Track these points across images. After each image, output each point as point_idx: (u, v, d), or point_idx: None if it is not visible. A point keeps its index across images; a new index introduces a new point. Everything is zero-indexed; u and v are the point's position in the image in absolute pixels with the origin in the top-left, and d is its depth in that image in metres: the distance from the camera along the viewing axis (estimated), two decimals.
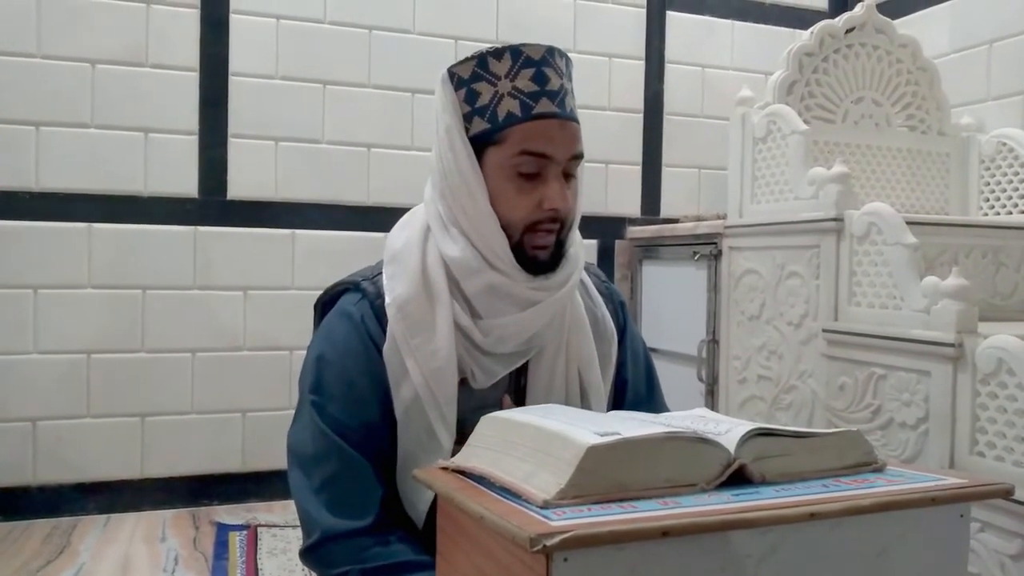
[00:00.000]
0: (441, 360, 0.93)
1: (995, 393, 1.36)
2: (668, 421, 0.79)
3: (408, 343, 0.93)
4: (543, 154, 0.91)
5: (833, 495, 0.63)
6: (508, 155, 0.91)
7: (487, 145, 0.92)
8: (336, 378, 0.95)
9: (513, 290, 0.94)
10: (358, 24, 2.59)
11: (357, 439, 0.93)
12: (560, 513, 0.58)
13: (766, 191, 2.06)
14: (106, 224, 2.37)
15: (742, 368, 2.11)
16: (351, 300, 0.99)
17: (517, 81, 0.91)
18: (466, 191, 0.93)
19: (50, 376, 2.33)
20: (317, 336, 1.00)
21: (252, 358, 2.50)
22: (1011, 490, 0.67)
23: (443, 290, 0.94)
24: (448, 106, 0.94)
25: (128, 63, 2.38)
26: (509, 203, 0.92)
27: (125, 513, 2.38)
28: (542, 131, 0.91)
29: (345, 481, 0.92)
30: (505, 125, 0.91)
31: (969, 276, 1.79)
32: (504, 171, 0.92)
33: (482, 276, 0.93)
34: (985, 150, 2.26)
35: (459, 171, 0.93)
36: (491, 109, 0.91)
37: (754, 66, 3.04)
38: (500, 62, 0.92)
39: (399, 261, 0.97)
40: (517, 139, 0.91)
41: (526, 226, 0.93)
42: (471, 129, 0.93)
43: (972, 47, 2.50)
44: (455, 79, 0.94)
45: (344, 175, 2.60)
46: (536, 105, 0.91)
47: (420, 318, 0.93)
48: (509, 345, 0.96)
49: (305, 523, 0.93)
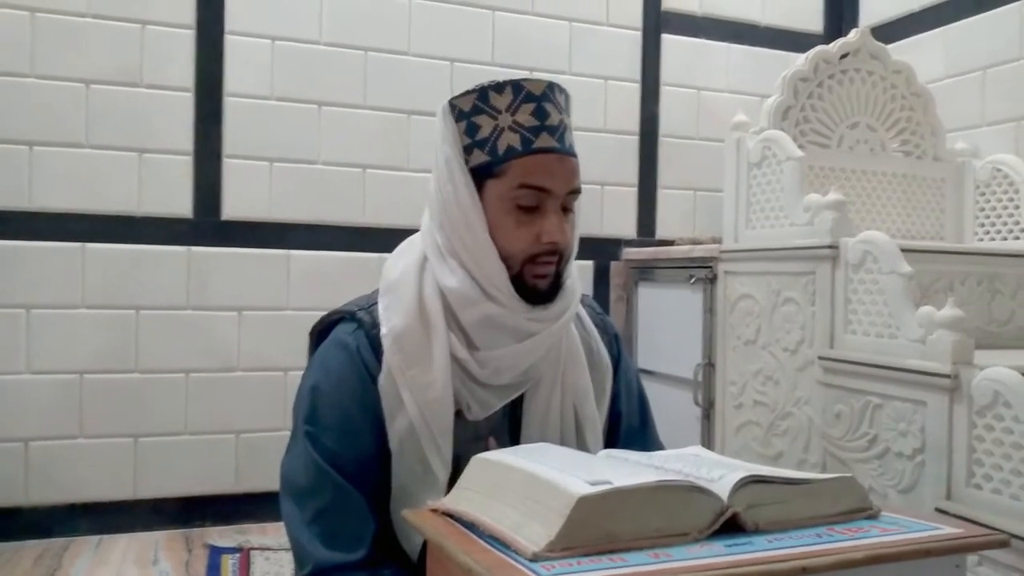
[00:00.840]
0: (437, 391, 0.92)
1: (991, 425, 1.36)
2: (662, 463, 0.78)
3: (404, 374, 0.93)
4: (542, 188, 0.92)
5: (826, 547, 0.63)
6: (508, 188, 0.92)
7: (487, 177, 0.93)
8: (331, 409, 0.94)
9: (511, 321, 0.94)
10: (354, 45, 2.60)
11: (351, 471, 0.92)
12: (549, 567, 0.57)
13: (761, 216, 2.06)
14: (100, 244, 2.36)
15: (738, 393, 2.10)
16: (347, 330, 0.98)
17: (518, 115, 0.92)
18: (465, 222, 0.94)
19: (43, 396, 2.31)
20: (312, 365, 1.00)
21: (246, 379, 2.49)
22: (1006, 541, 0.66)
23: (439, 321, 0.94)
24: (448, 137, 0.95)
25: (123, 83, 2.38)
26: (508, 235, 0.93)
27: (117, 534, 2.36)
28: (542, 165, 0.92)
29: (338, 513, 0.91)
30: (505, 158, 0.92)
31: (965, 303, 1.79)
32: (503, 203, 0.93)
33: (480, 307, 0.93)
34: (980, 176, 2.26)
35: (458, 202, 0.94)
36: (491, 142, 0.93)
37: (749, 89, 3.05)
38: (501, 96, 0.93)
39: (395, 291, 0.97)
40: (517, 172, 0.92)
41: (525, 258, 0.94)
42: (471, 161, 0.94)
43: (966, 73, 2.51)
44: (456, 111, 0.95)
45: (339, 196, 2.59)
46: (536, 139, 0.92)
47: (416, 349, 0.93)
48: (506, 377, 0.96)
49: (298, 554, 0.92)
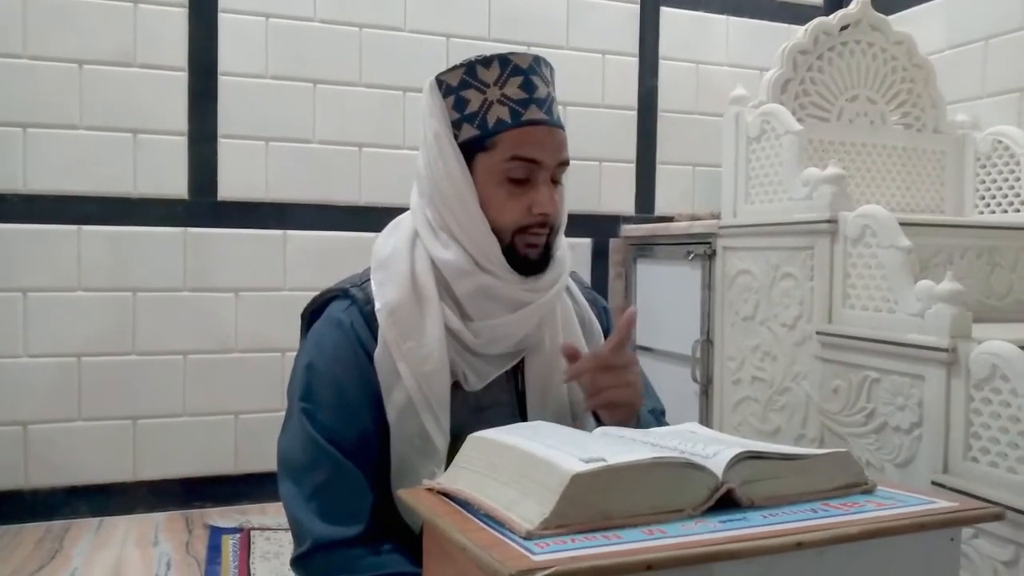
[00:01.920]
0: (433, 363, 0.93)
1: (989, 399, 1.35)
2: (656, 440, 0.78)
3: (400, 347, 0.93)
4: (533, 160, 0.93)
5: (821, 522, 0.62)
6: (499, 160, 0.93)
7: (477, 151, 0.94)
8: (327, 385, 0.94)
9: (504, 292, 0.95)
10: (349, 22, 2.57)
11: (348, 446, 0.92)
12: (543, 545, 0.57)
13: (760, 191, 2.05)
14: (96, 226, 2.35)
15: (736, 369, 2.10)
16: (340, 307, 0.99)
17: (506, 89, 0.93)
18: (456, 196, 0.94)
19: (41, 379, 2.31)
20: (306, 344, 1.00)
21: (244, 360, 2.49)
22: (1001, 514, 0.66)
23: (432, 294, 0.95)
24: (436, 113, 0.95)
25: (116, 63, 2.36)
26: (499, 208, 0.94)
27: (118, 516, 2.37)
28: (532, 137, 0.93)
29: (336, 489, 0.91)
30: (495, 131, 0.93)
31: (964, 277, 1.78)
32: (494, 176, 0.94)
33: (473, 278, 0.94)
34: (981, 148, 2.25)
35: (449, 177, 0.94)
36: (481, 116, 0.93)
37: (749, 62, 3.02)
38: (488, 70, 0.94)
39: (387, 267, 0.98)
40: (508, 145, 0.93)
41: (516, 229, 0.95)
42: (460, 135, 0.94)
43: (968, 44, 2.48)
44: (443, 86, 0.95)
45: (336, 175, 2.58)
46: (526, 112, 0.93)
47: (411, 322, 0.94)
48: (500, 346, 0.98)
49: (296, 531, 0.92)
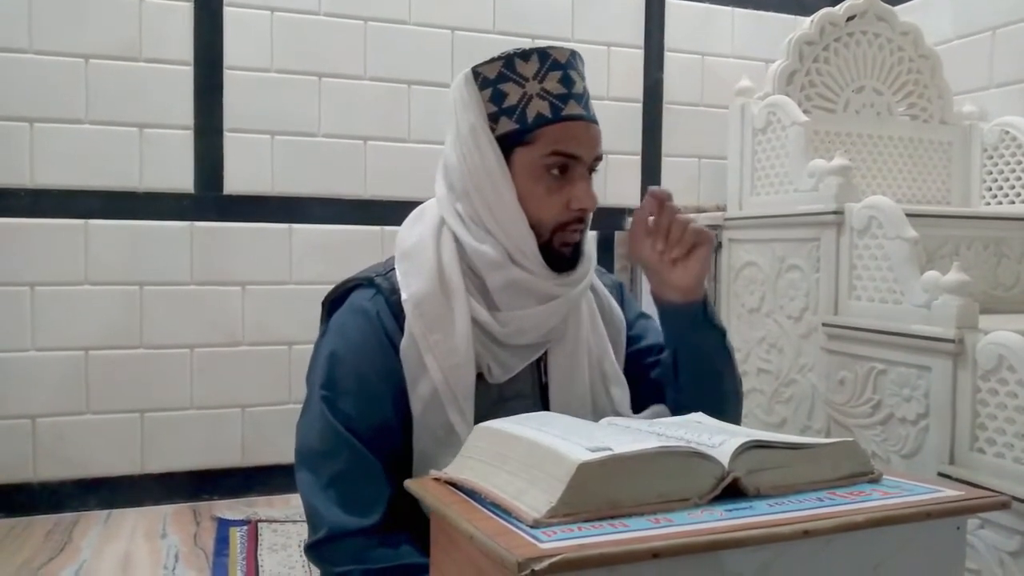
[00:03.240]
0: (460, 356, 0.93)
1: (995, 389, 1.35)
2: (663, 431, 0.78)
3: (426, 339, 0.93)
4: (573, 155, 0.93)
5: (827, 510, 0.62)
6: (539, 155, 0.93)
7: (515, 145, 0.94)
8: (349, 374, 0.94)
9: (536, 285, 0.95)
10: (353, 15, 2.57)
11: (368, 436, 0.92)
12: (550, 533, 0.58)
13: (766, 183, 2.05)
14: (102, 220, 2.36)
15: (742, 361, 2.10)
16: (365, 296, 0.98)
17: (545, 83, 0.93)
18: (493, 190, 0.94)
19: (49, 373, 2.33)
20: (329, 331, 0.99)
21: (251, 353, 2.50)
22: (1007, 503, 0.66)
23: (459, 285, 0.94)
24: (472, 105, 0.95)
25: (122, 57, 2.36)
26: (539, 202, 0.94)
27: (126, 508, 2.38)
28: (572, 132, 0.93)
29: (354, 478, 0.91)
30: (535, 126, 0.92)
31: (970, 268, 1.78)
32: (534, 171, 0.93)
33: (506, 272, 0.94)
34: (988, 139, 2.24)
35: (486, 170, 0.94)
36: (520, 110, 0.93)
37: (754, 53, 3.01)
38: (527, 63, 0.93)
39: (412, 257, 0.97)
40: (548, 140, 0.92)
41: (556, 226, 0.95)
42: (497, 129, 0.94)
43: (975, 34, 2.47)
44: (480, 79, 0.95)
45: (341, 168, 2.58)
46: (565, 107, 0.93)
47: (438, 314, 0.93)
48: (527, 337, 0.97)
49: (311, 518, 0.92)
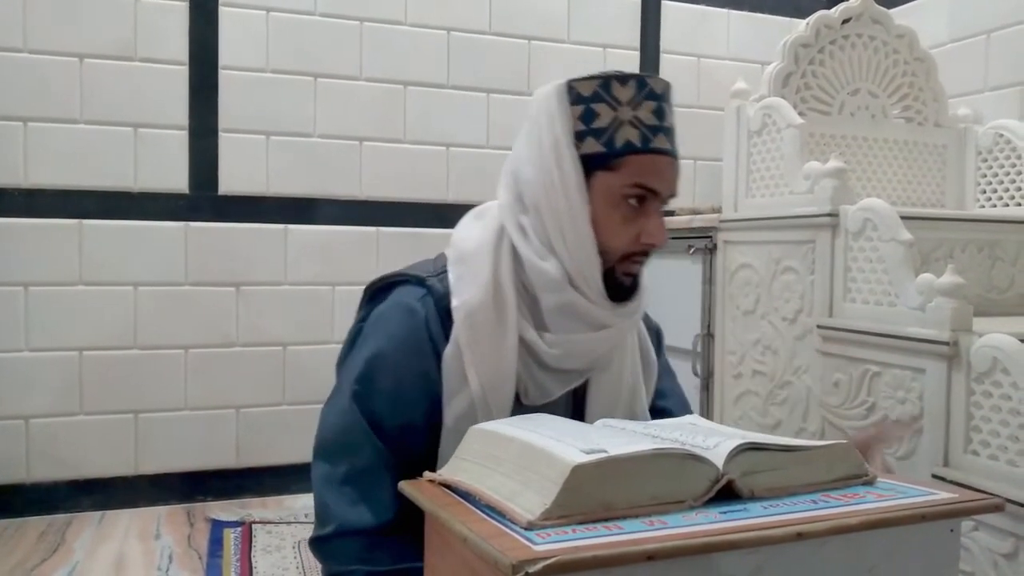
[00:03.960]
0: (503, 374, 0.91)
1: (989, 392, 1.36)
2: (657, 432, 0.78)
3: (472, 352, 0.91)
4: (653, 189, 0.92)
5: (821, 513, 0.63)
6: (621, 183, 0.91)
7: (597, 168, 0.91)
8: (385, 374, 0.92)
9: (591, 312, 0.93)
10: (349, 16, 2.56)
11: (392, 438, 0.91)
12: (544, 535, 0.57)
13: (761, 185, 2.05)
14: (97, 220, 2.35)
15: (737, 363, 2.10)
16: (414, 294, 0.95)
17: (639, 111, 0.91)
18: (568, 210, 0.91)
19: (43, 374, 2.32)
20: (371, 325, 0.96)
21: (245, 354, 2.49)
22: (1001, 505, 0.66)
23: (512, 301, 0.92)
24: (560, 119, 0.92)
25: (117, 57, 2.35)
26: (612, 230, 0.92)
27: (120, 510, 2.38)
28: (657, 166, 0.91)
29: (371, 478, 0.90)
30: (623, 152, 0.90)
31: (965, 270, 1.78)
32: (612, 197, 0.91)
33: (564, 294, 0.92)
34: (982, 142, 2.24)
35: (564, 189, 0.91)
36: (609, 133, 0.90)
37: (750, 56, 3.02)
38: (624, 88, 0.91)
39: (469, 263, 0.95)
40: (633, 170, 0.90)
41: (623, 255, 0.93)
42: (581, 148, 0.91)
43: (970, 37, 2.47)
44: (573, 93, 0.92)
45: (336, 169, 2.58)
46: (654, 140, 0.91)
47: (487, 327, 0.91)
48: (572, 363, 0.95)
49: (320, 512, 0.91)
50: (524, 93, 2.76)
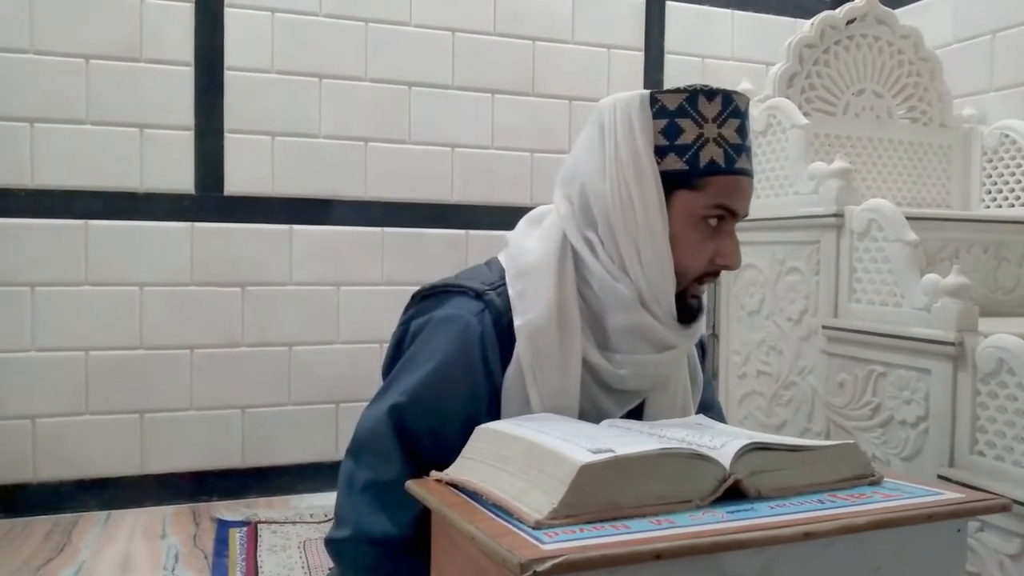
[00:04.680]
0: (567, 399, 0.88)
1: (995, 392, 1.35)
2: (664, 433, 0.78)
3: (535, 374, 0.88)
4: (733, 211, 0.90)
5: (828, 513, 0.63)
6: (703, 204, 0.88)
7: (678, 186, 0.89)
8: (433, 393, 0.90)
9: (659, 333, 0.90)
10: (354, 17, 2.57)
11: (425, 456, 0.89)
12: (552, 535, 0.58)
13: (766, 185, 2.05)
14: (103, 221, 2.36)
15: (742, 363, 2.10)
16: (472, 308, 0.91)
17: (724, 129, 0.88)
18: (648, 229, 0.88)
19: (49, 374, 2.32)
20: (426, 336, 0.92)
21: (250, 354, 2.50)
22: (1008, 505, 0.66)
23: (577, 322, 0.89)
24: (642, 132, 0.89)
25: (122, 58, 2.36)
26: (691, 251, 0.90)
27: (126, 509, 2.38)
28: (739, 188, 0.90)
29: (395, 490, 0.87)
30: (706, 172, 0.88)
31: (970, 271, 1.78)
32: (692, 217, 0.89)
33: (634, 315, 0.89)
34: (987, 142, 2.24)
35: (644, 206, 0.88)
36: (693, 151, 0.87)
37: (754, 56, 3.02)
38: (711, 104, 0.88)
39: (531, 278, 0.91)
40: (715, 191, 0.88)
41: (697, 276, 0.91)
42: (662, 164, 0.88)
43: (975, 37, 2.47)
44: (657, 106, 0.89)
45: (341, 169, 2.58)
46: (738, 160, 0.89)
47: (551, 351, 0.88)
48: (636, 383, 0.93)
49: (340, 513, 0.90)
50: (528, 94, 2.76)
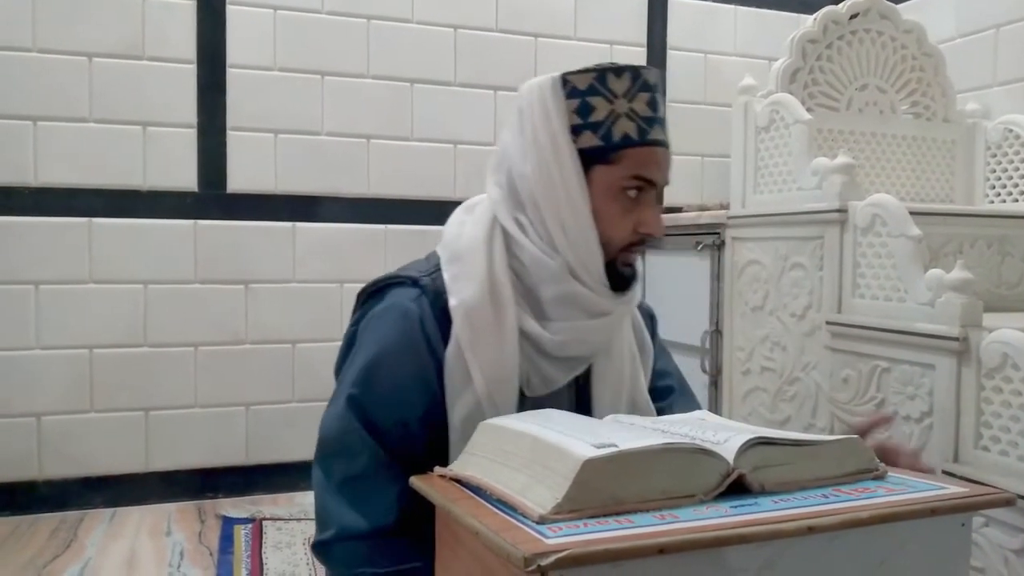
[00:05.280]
0: (506, 369, 0.91)
1: (1000, 387, 1.35)
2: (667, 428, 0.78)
3: (474, 350, 0.90)
4: (651, 180, 0.92)
5: (832, 507, 0.63)
6: (619, 176, 0.91)
7: (596, 162, 0.92)
8: (382, 378, 0.91)
9: (592, 301, 0.93)
10: (356, 14, 2.57)
11: (392, 442, 0.90)
12: (556, 529, 0.58)
13: (769, 181, 2.04)
14: (106, 219, 2.36)
15: (746, 359, 2.10)
16: (408, 295, 0.94)
17: (635, 103, 0.91)
18: (569, 205, 0.91)
19: (54, 371, 2.33)
20: (368, 329, 0.95)
21: (254, 351, 2.50)
22: (1012, 499, 0.66)
23: (509, 296, 0.92)
24: (556, 114, 0.92)
25: (125, 56, 2.37)
26: (612, 222, 0.92)
27: (131, 506, 2.39)
28: (654, 158, 0.92)
29: (370, 482, 0.89)
30: (620, 146, 0.91)
31: (974, 266, 1.78)
32: (611, 191, 0.92)
33: (565, 285, 0.92)
34: (991, 137, 2.23)
35: (564, 184, 0.91)
36: (606, 127, 0.91)
37: (757, 52, 3.01)
38: (620, 80, 0.91)
39: (463, 261, 0.94)
40: (631, 163, 0.91)
41: (623, 246, 0.94)
42: (579, 142, 0.91)
43: (978, 31, 2.46)
44: (568, 87, 0.92)
45: (344, 167, 2.58)
46: (650, 131, 0.92)
47: (486, 325, 0.91)
48: (575, 349, 0.95)
49: (321, 516, 0.91)
50: None
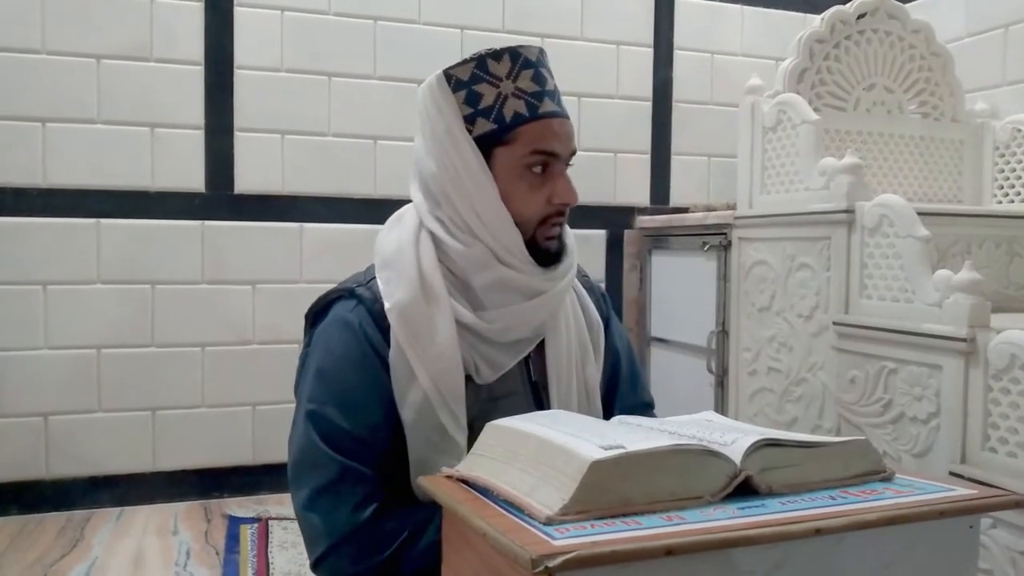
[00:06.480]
0: (447, 360, 0.93)
1: (1008, 388, 1.35)
2: (674, 429, 0.78)
3: (413, 347, 0.93)
4: (552, 152, 0.94)
5: (839, 509, 0.62)
6: (519, 154, 0.94)
7: (494, 145, 0.94)
8: (334, 388, 0.94)
9: (523, 282, 0.96)
10: (363, 15, 2.57)
11: (354, 449, 0.92)
12: (563, 530, 0.58)
13: (776, 181, 2.04)
14: (114, 220, 2.37)
15: (752, 360, 2.09)
16: (347, 307, 0.97)
17: (519, 82, 0.94)
18: (477, 192, 0.94)
19: (61, 371, 2.34)
20: (314, 346, 0.99)
21: (261, 351, 2.51)
22: (1020, 502, 0.66)
23: (441, 291, 0.94)
24: (447, 108, 0.94)
25: (133, 58, 2.38)
26: (522, 200, 0.95)
27: (138, 506, 2.40)
28: (550, 130, 0.94)
29: (341, 486, 0.91)
30: (513, 125, 0.93)
31: (982, 266, 1.77)
32: (515, 170, 0.94)
33: (493, 271, 0.95)
34: (999, 137, 2.22)
35: (468, 173, 0.94)
36: (496, 110, 0.93)
37: (764, 52, 3.01)
38: (500, 63, 0.94)
39: (393, 265, 0.97)
40: (527, 139, 0.93)
41: (539, 221, 0.96)
42: (474, 130, 0.94)
43: (987, 31, 2.45)
44: (452, 81, 0.95)
45: (351, 167, 2.59)
46: (541, 105, 0.94)
47: (422, 321, 0.93)
48: (515, 333, 0.98)
49: (309, 535, 0.92)
50: None
